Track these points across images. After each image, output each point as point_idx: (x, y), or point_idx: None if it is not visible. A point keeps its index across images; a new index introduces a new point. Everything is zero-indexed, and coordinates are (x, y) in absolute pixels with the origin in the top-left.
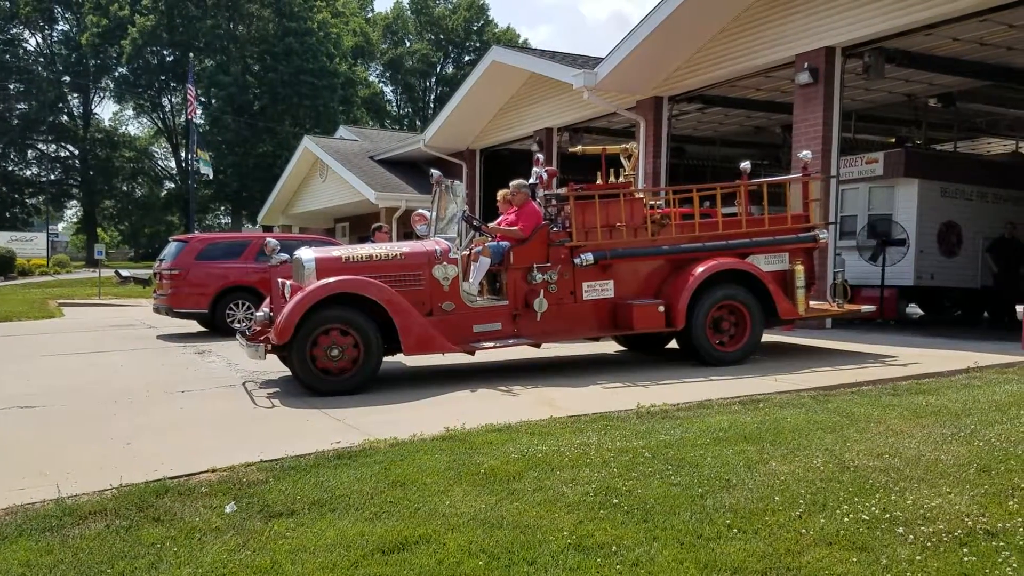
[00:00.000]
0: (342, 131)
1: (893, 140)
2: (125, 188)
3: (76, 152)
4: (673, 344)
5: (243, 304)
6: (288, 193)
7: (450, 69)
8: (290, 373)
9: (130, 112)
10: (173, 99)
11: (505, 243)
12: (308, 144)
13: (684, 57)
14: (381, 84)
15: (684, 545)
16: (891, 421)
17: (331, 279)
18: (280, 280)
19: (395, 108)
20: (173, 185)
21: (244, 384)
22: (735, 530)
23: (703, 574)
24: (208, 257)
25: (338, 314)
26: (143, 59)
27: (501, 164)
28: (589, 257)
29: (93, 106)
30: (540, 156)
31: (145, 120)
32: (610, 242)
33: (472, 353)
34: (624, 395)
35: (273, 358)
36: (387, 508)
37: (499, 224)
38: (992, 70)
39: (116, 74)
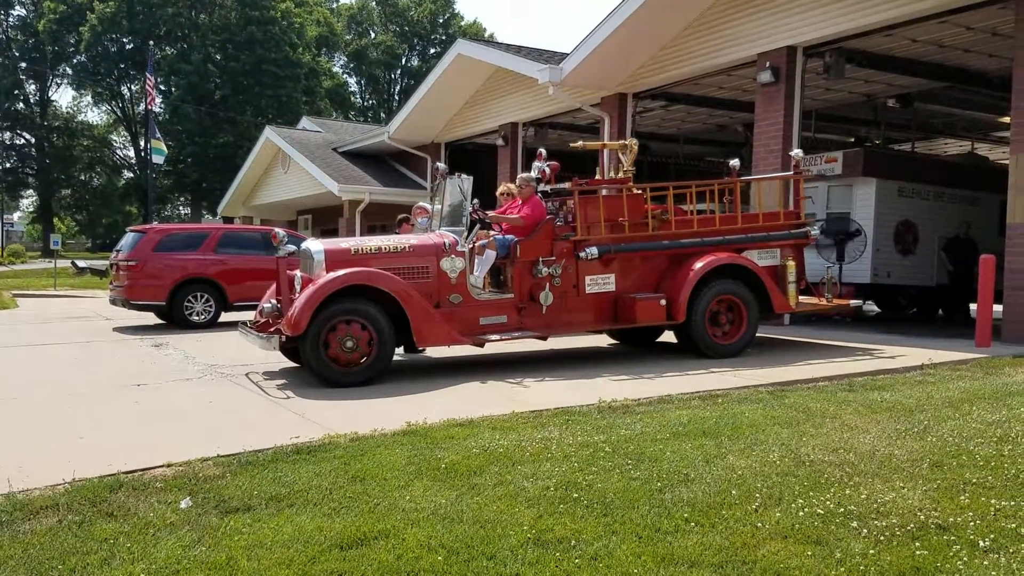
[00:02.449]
0: (305, 122)
1: (852, 140)
2: (83, 177)
3: (32, 140)
4: (663, 337)
5: (202, 296)
6: (249, 184)
7: (415, 62)
8: (250, 366)
9: (88, 100)
10: (132, 87)
11: (511, 236)
12: (270, 135)
13: (648, 54)
14: (345, 75)
15: (642, 539)
16: (846, 416)
17: (344, 271)
18: (290, 272)
19: (359, 100)
20: (132, 175)
21: (202, 378)
22: (693, 524)
23: (661, 567)
24: (166, 248)
25: (352, 306)
26: (102, 46)
27: (466, 158)
28: (594, 251)
29: (50, 93)
30: (543, 151)
31: (104, 108)
32: (613, 236)
33: (481, 345)
34: (586, 389)
35: (231, 351)
36: (346, 503)
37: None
38: (950, 72)
39: (74, 61)
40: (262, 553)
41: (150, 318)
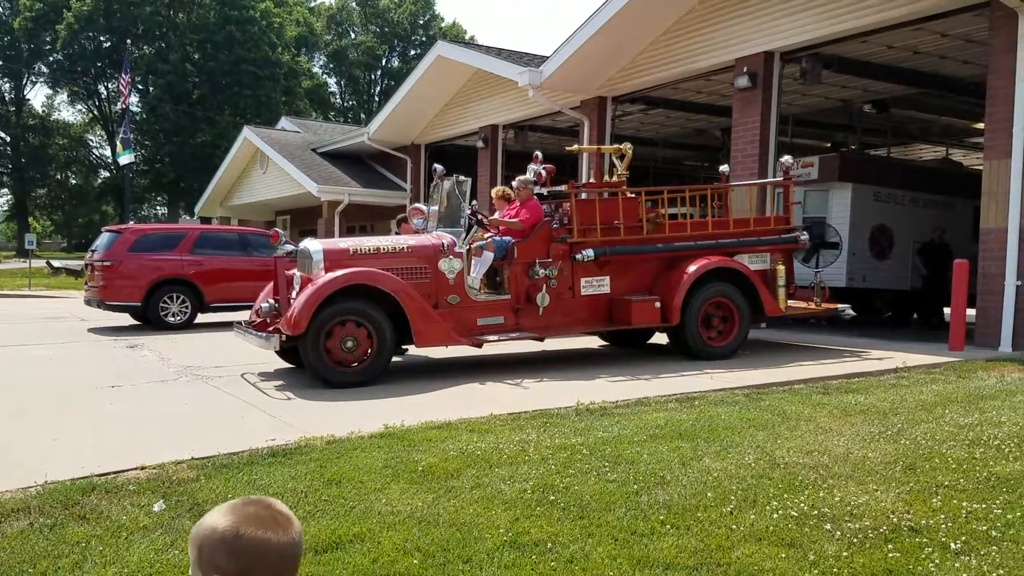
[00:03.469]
0: (284, 122)
1: (829, 145)
2: (59, 176)
3: (7, 139)
4: (654, 340)
5: (177, 297)
6: (227, 184)
7: (396, 62)
8: (225, 368)
9: (64, 98)
10: (109, 86)
11: (508, 238)
12: (248, 134)
13: (627, 58)
14: (325, 76)
15: (618, 541)
16: (821, 419)
17: (344, 270)
18: (289, 271)
19: (339, 100)
20: (108, 174)
21: (177, 379)
22: (668, 526)
23: (636, 570)
24: (142, 249)
25: (353, 306)
26: (79, 45)
27: (446, 160)
28: (590, 253)
29: (26, 92)
30: (539, 154)
31: (80, 107)
32: (608, 239)
33: (480, 346)
34: (565, 392)
35: (206, 352)
36: (321, 507)
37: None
38: (925, 78)
39: (50, 59)
40: None
41: (125, 319)
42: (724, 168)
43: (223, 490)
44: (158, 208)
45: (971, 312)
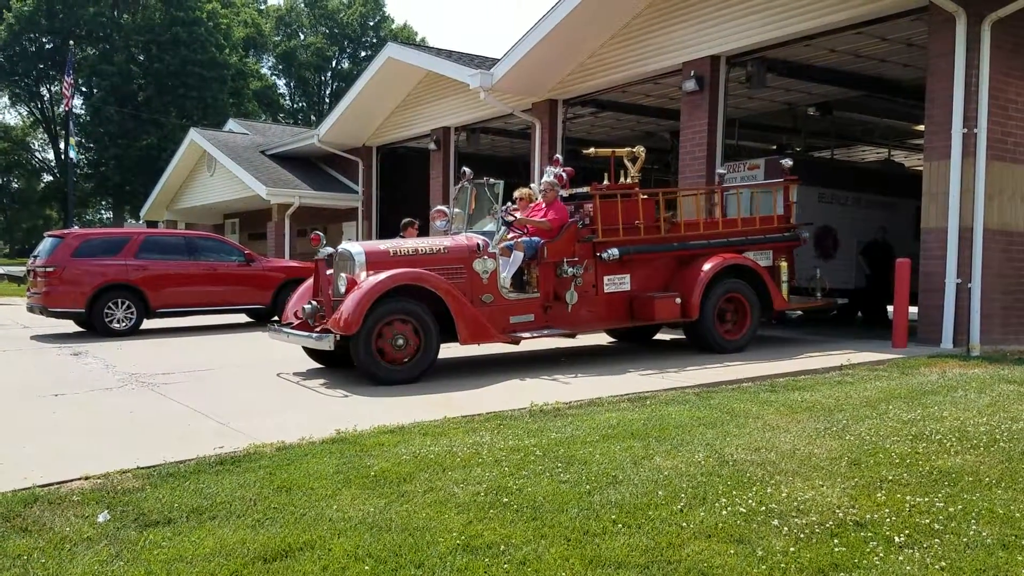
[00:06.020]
0: (232, 124)
1: (774, 147)
2: (0, 180)
3: None
4: (659, 336)
5: (122, 303)
6: (173, 187)
7: (346, 64)
8: (172, 375)
9: (5, 100)
10: (52, 88)
11: (537, 238)
12: (195, 137)
13: (578, 61)
14: (274, 77)
15: (571, 542)
16: (768, 417)
17: (389, 271)
18: (332, 272)
19: (288, 102)
20: (51, 178)
21: (122, 387)
22: (620, 525)
23: (588, 570)
24: (85, 254)
25: (403, 305)
26: (20, 46)
27: (398, 162)
28: (615, 252)
29: None
30: (559, 156)
31: (22, 109)
32: (629, 239)
33: (517, 343)
34: (519, 394)
35: (152, 359)
36: (271, 514)
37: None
38: (867, 81)
39: None
40: (182, 567)
41: (69, 326)
42: (721, 170)
43: (169, 499)
44: (103, 212)
45: (913, 310)
